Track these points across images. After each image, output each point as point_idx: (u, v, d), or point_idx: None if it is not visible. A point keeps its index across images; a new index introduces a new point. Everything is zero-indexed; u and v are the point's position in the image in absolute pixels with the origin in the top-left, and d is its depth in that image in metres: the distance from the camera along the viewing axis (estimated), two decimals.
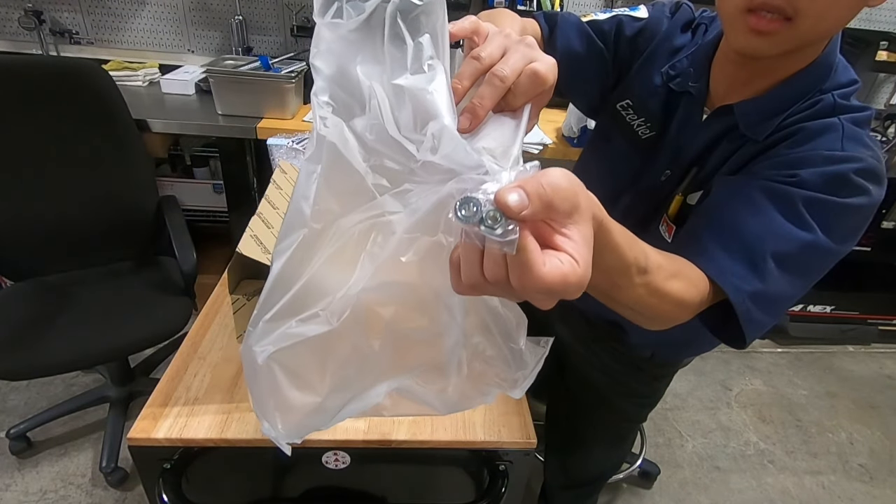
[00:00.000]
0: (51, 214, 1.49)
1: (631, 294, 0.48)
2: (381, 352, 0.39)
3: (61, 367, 1.32)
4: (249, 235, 0.72)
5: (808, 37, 0.58)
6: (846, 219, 0.59)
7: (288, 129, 1.63)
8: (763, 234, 0.57)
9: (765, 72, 0.65)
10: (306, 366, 0.39)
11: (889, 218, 2.09)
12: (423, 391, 0.42)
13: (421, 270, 0.35)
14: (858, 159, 0.58)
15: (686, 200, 0.73)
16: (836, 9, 0.55)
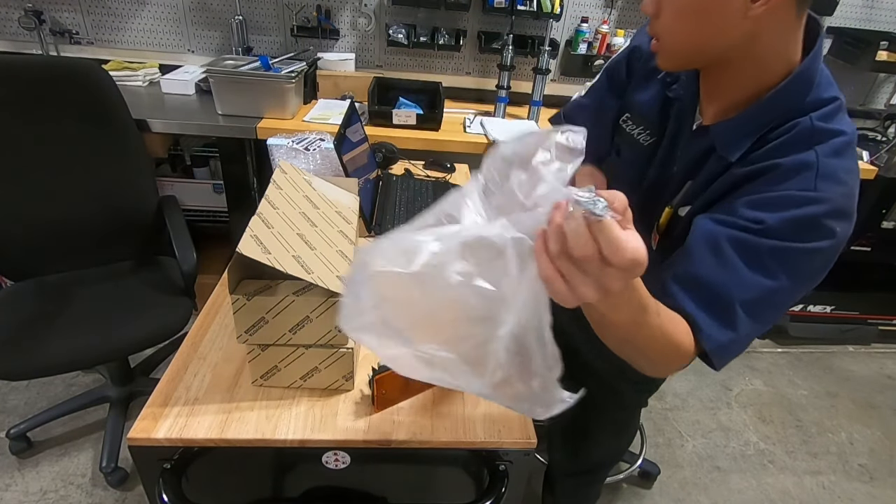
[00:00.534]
0: (51, 214, 1.49)
1: (647, 334, 0.54)
2: (443, 312, 0.45)
3: (61, 367, 1.32)
4: (249, 235, 0.72)
5: (674, 51, 0.66)
6: (811, 261, 0.63)
7: (288, 129, 1.62)
8: (731, 285, 0.61)
9: (725, 83, 0.68)
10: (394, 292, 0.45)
11: (889, 218, 2.09)
12: (460, 370, 0.46)
13: (508, 269, 0.42)
14: (828, 200, 0.60)
15: (676, 212, 0.76)
16: (688, 28, 0.62)
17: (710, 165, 0.71)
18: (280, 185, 0.89)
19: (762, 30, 0.60)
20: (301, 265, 0.73)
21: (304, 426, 0.78)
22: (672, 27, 0.64)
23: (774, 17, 0.58)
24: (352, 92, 2.06)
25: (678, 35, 0.64)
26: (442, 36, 2.13)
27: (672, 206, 0.77)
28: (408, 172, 1.62)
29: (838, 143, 0.62)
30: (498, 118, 2.05)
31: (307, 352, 0.80)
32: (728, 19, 0.59)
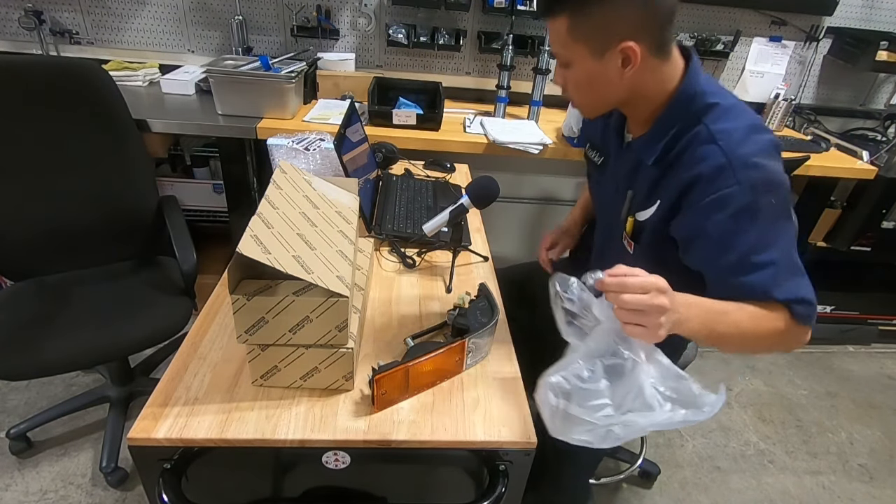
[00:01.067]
0: (51, 214, 1.49)
1: (736, 323, 0.75)
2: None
3: (61, 367, 1.32)
4: (249, 235, 0.72)
5: (591, 107, 0.92)
6: (771, 204, 0.79)
7: (288, 129, 1.63)
8: (752, 250, 0.79)
9: (631, 113, 0.93)
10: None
11: (889, 218, 2.10)
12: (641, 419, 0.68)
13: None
14: (750, 181, 0.78)
15: (637, 219, 0.95)
16: (586, 93, 0.88)
17: (642, 174, 0.92)
18: (280, 185, 0.89)
19: (638, 80, 0.83)
20: (301, 265, 0.73)
21: (304, 426, 0.78)
22: (575, 95, 0.90)
23: (643, 70, 0.81)
24: (352, 92, 2.06)
25: (582, 98, 0.90)
26: (442, 36, 2.14)
27: (632, 215, 0.95)
28: (408, 172, 1.62)
29: (738, 135, 0.80)
30: (498, 118, 2.05)
31: (307, 352, 0.80)
32: (611, 84, 0.84)
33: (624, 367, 0.69)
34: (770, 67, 2.34)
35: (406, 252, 1.23)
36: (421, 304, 1.08)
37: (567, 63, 0.86)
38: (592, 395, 0.69)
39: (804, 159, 1.84)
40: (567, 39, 0.82)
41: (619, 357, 0.69)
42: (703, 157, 0.80)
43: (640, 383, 0.68)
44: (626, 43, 0.79)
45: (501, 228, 2.14)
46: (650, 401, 0.67)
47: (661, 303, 0.65)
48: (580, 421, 0.68)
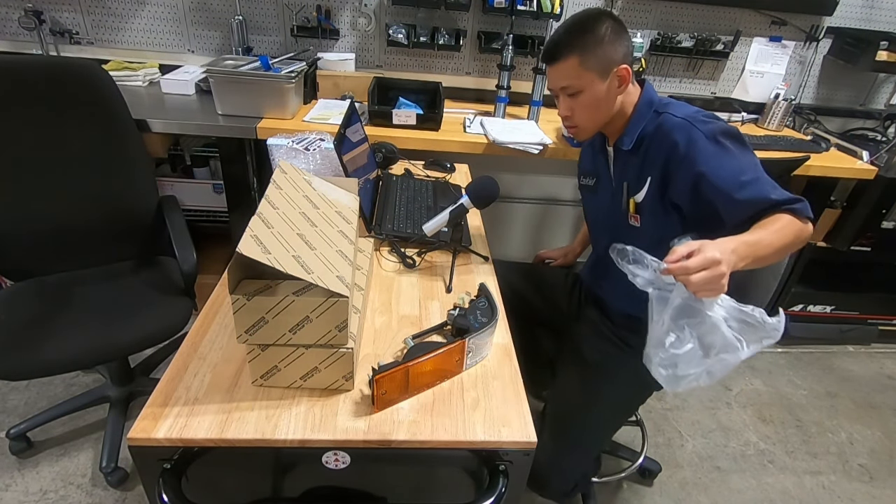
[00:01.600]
0: (51, 214, 1.49)
1: (772, 241, 0.91)
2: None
3: (61, 367, 1.32)
4: (249, 235, 0.72)
5: (593, 127, 1.16)
6: (732, 144, 1.02)
7: (288, 129, 1.63)
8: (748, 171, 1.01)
9: (611, 125, 1.17)
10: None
11: (889, 218, 2.09)
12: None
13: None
14: (710, 122, 1.04)
15: (636, 201, 1.16)
16: (594, 113, 1.12)
17: (629, 167, 1.16)
18: (280, 185, 0.89)
19: (622, 99, 1.12)
20: (301, 265, 0.73)
21: (304, 426, 0.78)
22: (583, 118, 1.13)
23: (626, 91, 1.12)
24: (352, 92, 2.06)
25: (588, 119, 1.13)
26: (442, 36, 2.14)
27: (632, 198, 1.16)
28: (408, 172, 1.62)
29: (689, 112, 1.07)
30: (498, 118, 2.05)
31: (307, 352, 0.80)
32: (610, 103, 1.11)
33: (703, 322, 0.86)
34: (770, 67, 2.34)
35: (406, 252, 1.23)
36: (421, 304, 1.08)
37: (578, 91, 1.09)
38: (689, 356, 0.87)
39: (804, 159, 1.84)
40: (580, 71, 1.06)
41: (697, 314, 0.87)
42: (671, 129, 1.05)
43: (722, 332, 0.86)
44: (621, 67, 1.07)
45: (501, 228, 2.15)
46: (732, 342, 0.86)
47: (721, 271, 0.80)
48: (686, 377, 0.88)
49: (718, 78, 2.39)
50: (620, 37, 1.06)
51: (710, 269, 0.80)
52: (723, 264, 0.80)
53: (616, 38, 1.06)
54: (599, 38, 1.04)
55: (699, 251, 0.81)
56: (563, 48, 1.06)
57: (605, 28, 1.05)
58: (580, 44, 1.05)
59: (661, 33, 2.23)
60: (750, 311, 0.87)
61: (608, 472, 1.67)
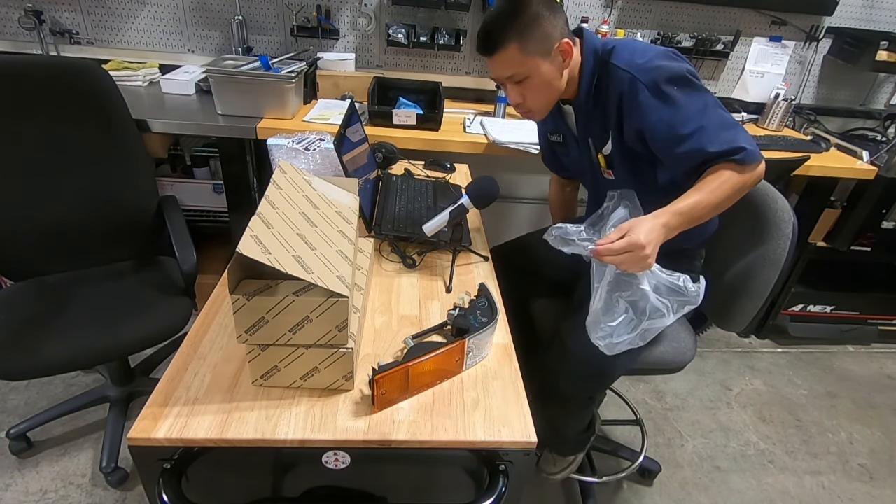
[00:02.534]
0: (51, 214, 1.49)
1: (709, 200, 0.96)
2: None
3: (61, 367, 1.32)
4: (249, 235, 0.72)
5: (547, 107, 1.14)
6: (677, 90, 1.00)
7: (288, 129, 1.63)
8: (698, 120, 1.00)
9: (567, 88, 1.13)
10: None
11: (889, 218, 2.09)
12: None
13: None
14: (653, 76, 1.01)
15: (604, 154, 1.17)
16: (546, 94, 1.10)
17: (590, 122, 1.15)
18: (280, 185, 0.89)
19: (569, 67, 1.09)
20: (301, 265, 0.73)
21: (304, 426, 0.78)
22: (535, 100, 1.11)
23: (569, 61, 1.08)
24: (352, 92, 2.06)
25: (542, 100, 1.11)
26: (442, 36, 2.14)
27: (600, 153, 1.18)
28: (408, 172, 1.62)
29: (633, 57, 1.03)
30: (498, 118, 2.05)
31: (307, 352, 0.80)
32: (559, 78, 1.08)
33: (635, 292, 0.98)
34: (770, 67, 2.34)
35: (406, 252, 1.23)
36: (421, 304, 1.08)
37: (524, 77, 1.06)
38: (622, 325, 1.00)
39: (804, 159, 1.84)
40: (522, 58, 1.03)
41: (629, 287, 0.99)
42: (619, 81, 1.04)
43: (651, 301, 0.98)
44: (562, 42, 1.04)
45: (501, 228, 2.15)
46: (660, 308, 0.99)
47: (644, 253, 0.89)
48: (620, 343, 1.01)
49: (718, 78, 2.39)
50: (554, 10, 1.02)
51: (634, 252, 0.89)
52: (647, 247, 0.89)
53: (551, 13, 1.01)
54: (534, 17, 1.00)
55: (626, 234, 0.90)
56: (500, 37, 1.01)
57: (536, 5, 1.00)
58: (516, 29, 1.00)
59: (661, 33, 2.23)
60: (675, 279, 0.98)
61: (608, 472, 1.68)
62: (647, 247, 0.89)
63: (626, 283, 0.99)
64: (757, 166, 0.99)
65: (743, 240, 1.24)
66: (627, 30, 2.19)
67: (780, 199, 1.20)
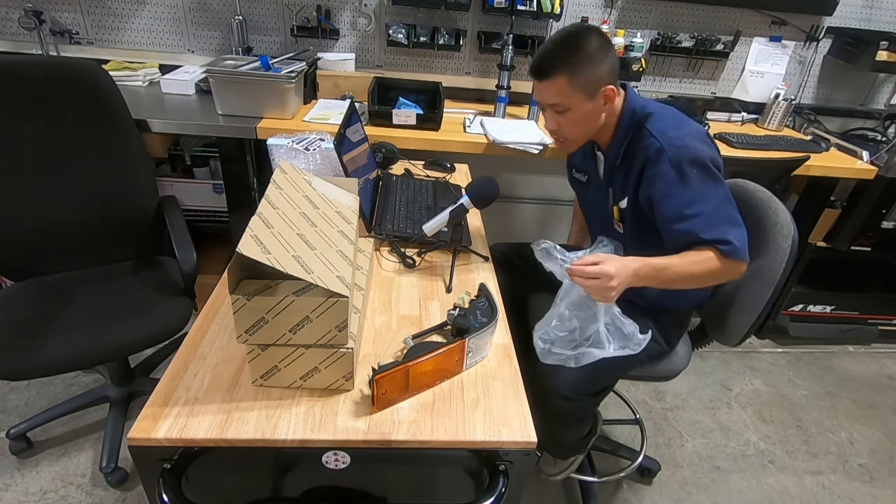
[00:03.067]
0: (51, 214, 1.49)
1: (681, 271, 1.03)
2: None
3: (61, 367, 1.32)
4: (249, 235, 0.72)
5: (580, 142, 1.20)
6: (695, 173, 1.06)
7: (288, 129, 1.62)
8: (701, 207, 1.06)
9: (600, 135, 1.20)
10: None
11: (889, 218, 2.09)
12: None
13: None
14: (680, 155, 1.06)
15: (619, 207, 1.22)
16: (581, 128, 1.15)
17: (615, 175, 1.21)
18: (280, 185, 0.89)
19: (608, 112, 1.15)
20: (301, 265, 0.73)
21: (304, 426, 0.78)
22: (571, 132, 1.16)
23: (610, 105, 1.13)
24: (352, 92, 2.06)
25: (576, 134, 1.17)
26: (442, 36, 2.14)
27: (616, 205, 1.23)
28: (408, 172, 1.62)
29: (667, 129, 1.09)
30: (498, 118, 2.05)
31: (307, 352, 0.80)
32: (597, 119, 1.14)
33: (589, 317, 1.06)
34: (770, 67, 2.34)
35: (406, 252, 1.23)
36: (421, 304, 1.08)
37: (566, 109, 1.11)
38: (566, 339, 1.08)
39: (804, 159, 1.84)
40: (568, 90, 1.08)
41: (587, 310, 1.07)
42: (648, 147, 1.09)
43: (598, 330, 1.06)
44: (607, 87, 1.09)
45: (501, 228, 2.15)
46: (603, 340, 1.06)
47: (611, 285, 0.96)
48: (556, 355, 1.09)
49: (718, 78, 2.39)
50: (607, 54, 1.07)
51: (602, 281, 0.96)
52: (614, 280, 0.96)
53: (603, 56, 1.07)
54: (588, 56, 1.05)
55: (601, 263, 0.97)
56: (553, 66, 1.07)
57: (593, 45, 1.06)
58: (570, 63, 1.06)
59: (661, 33, 2.23)
60: (627, 324, 1.06)
61: (608, 472, 1.68)
62: (614, 279, 0.96)
63: (584, 306, 1.07)
64: (739, 264, 1.05)
65: None
66: (627, 30, 2.19)
67: (783, 212, 1.17)
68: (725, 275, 1.06)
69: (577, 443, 1.38)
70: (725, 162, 1.12)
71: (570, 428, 1.30)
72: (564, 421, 1.26)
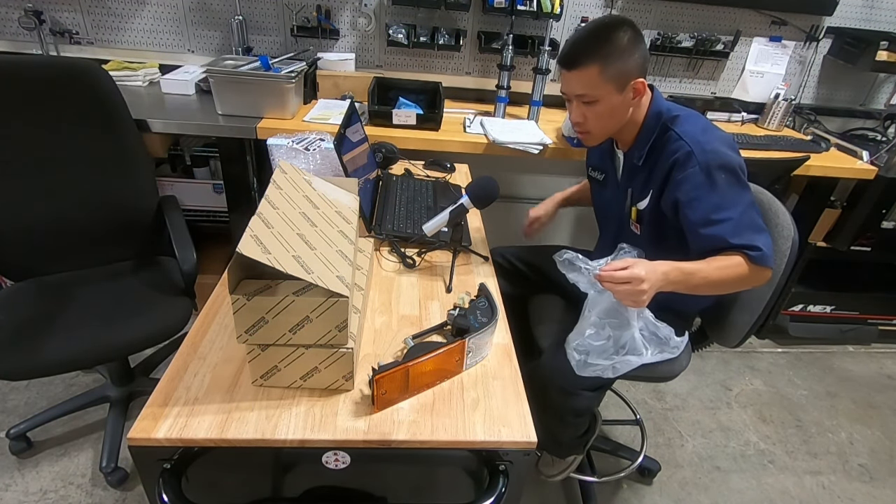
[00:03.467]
0: (51, 214, 1.49)
1: (709, 276, 1.01)
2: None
3: (61, 367, 1.32)
4: (249, 235, 0.72)
5: (604, 135, 1.17)
6: (724, 178, 1.05)
7: (288, 129, 1.62)
8: (728, 212, 1.05)
9: (623, 133, 1.18)
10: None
11: (889, 218, 2.09)
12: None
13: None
14: (707, 153, 1.05)
15: (638, 208, 1.21)
16: (608, 122, 1.13)
17: (636, 175, 1.19)
18: (280, 185, 0.89)
19: (635, 107, 1.13)
20: (301, 265, 0.73)
21: (304, 426, 0.78)
22: (596, 125, 1.13)
23: (639, 100, 1.12)
24: (352, 92, 2.06)
25: (602, 127, 1.14)
26: (442, 36, 2.14)
27: (634, 206, 1.21)
28: (408, 172, 1.62)
29: (695, 133, 1.08)
30: (498, 118, 2.05)
31: (307, 352, 0.80)
32: (624, 113, 1.12)
33: (622, 325, 1.04)
34: (770, 67, 2.34)
35: (406, 252, 1.23)
36: (421, 304, 1.08)
37: (594, 100, 1.09)
38: (601, 349, 1.05)
39: (804, 159, 1.84)
40: (599, 81, 1.06)
41: (619, 317, 1.04)
42: (676, 150, 1.08)
43: (634, 336, 1.03)
44: (637, 80, 1.08)
45: (501, 228, 2.14)
46: (640, 347, 1.03)
47: (642, 289, 0.94)
48: (594, 366, 1.06)
49: (718, 78, 2.39)
50: (638, 47, 1.06)
51: (633, 284, 0.94)
52: (645, 283, 0.94)
53: (635, 49, 1.05)
54: (621, 48, 1.04)
55: (630, 267, 0.95)
56: (585, 55, 1.05)
57: (626, 38, 1.04)
58: (602, 53, 1.04)
59: (661, 33, 2.23)
60: (662, 327, 1.04)
61: (608, 472, 1.68)
62: (644, 282, 0.94)
63: (617, 313, 1.04)
64: (766, 270, 1.04)
65: None
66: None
67: (783, 213, 1.17)
68: (752, 281, 1.05)
69: (575, 441, 1.38)
70: None
71: (569, 424, 1.30)
72: (562, 416, 1.26)
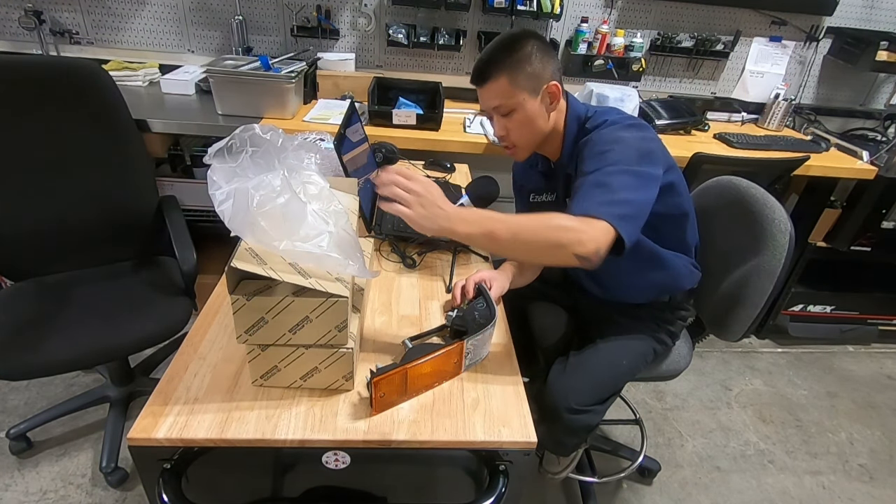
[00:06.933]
0: (51, 214, 1.49)
1: (511, 222, 0.86)
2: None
3: (61, 367, 1.32)
4: (244, 249, 0.72)
5: (529, 146, 1.12)
6: (624, 147, 0.99)
7: (288, 129, 1.62)
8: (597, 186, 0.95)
9: (548, 144, 1.14)
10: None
11: (889, 218, 2.09)
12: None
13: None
14: (610, 122, 1.04)
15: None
16: (529, 130, 1.08)
17: (568, 181, 1.13)
18: None
19: (554, 116, 1.10)
20: (297, 271, 0.73)
21: (304, 426, 0.78)
22: (518, 136, 1.10)
23: (556, 105, 1.09)
24: (352, 92, 2.06)
25: (524, 138, 1.10)
26: (442, 36, 2.14)
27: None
28: None
29: (602, 116, 1.07)
30: None
31: (307, 352, 0.80)
32: (542, 120, 1.08)
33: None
34: (770, 67, 2.34)
35: (406, 252, 1.23)
36: (421, 304, 1.08)
37: (511, 111, 1.06)
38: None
39: (804, 159, 1.84)
40: (510, 89, 1.04)
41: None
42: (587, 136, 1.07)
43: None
44: (551, 83, 1.06)
45: None
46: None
47: (435, 201, 0.84)
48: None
49: (718, 78, 2.39)
50: (547, 54, 1.06)
51: (424, 195, 0.83)
52: (441, 200, 0.84)
53: (543, 56, 1.05)
54: (527, 55, 1.04)
55: (415, 182, 0.84)
56: (492, 68, 1.05)
57: (530, 46, 1.04)
58: (509, 62, 1.04)
59: (661, 33, 2.23)
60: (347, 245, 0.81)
61: (608, 472, 1.68)
62: (440, 199, 0.84)
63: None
64: (592, 251, 0.85)
65: (739, 249, 1.23)
66: (627, 30, 2.19)
67: (778, 209, 1.18)
68: (569, 249, 0.85)
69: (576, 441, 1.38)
70: (726, 161, 1.11)
71: (581, 437, 1.29)
72: (575, 433, 1.23)
